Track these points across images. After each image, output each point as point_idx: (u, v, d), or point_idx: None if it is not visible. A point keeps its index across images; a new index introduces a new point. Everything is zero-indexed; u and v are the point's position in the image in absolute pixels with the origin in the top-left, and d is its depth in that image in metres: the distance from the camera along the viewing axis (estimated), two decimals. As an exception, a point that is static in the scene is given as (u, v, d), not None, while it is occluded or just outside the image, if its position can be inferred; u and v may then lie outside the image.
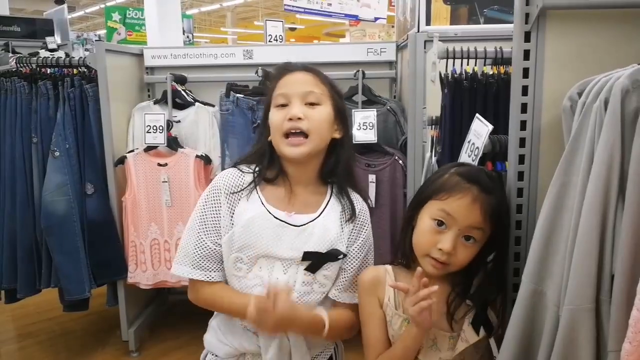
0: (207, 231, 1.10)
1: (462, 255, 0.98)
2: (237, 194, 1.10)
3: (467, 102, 1.71)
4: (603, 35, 0.96)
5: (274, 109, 1.09)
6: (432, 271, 1.00)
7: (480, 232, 0.97)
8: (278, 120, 1.07)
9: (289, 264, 1.08)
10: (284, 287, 1.04)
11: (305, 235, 1.08)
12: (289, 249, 1.08)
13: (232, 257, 1.09)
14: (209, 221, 1.10)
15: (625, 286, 0.74)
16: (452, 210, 0.96)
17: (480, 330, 1.01)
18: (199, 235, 1.10)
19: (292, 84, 1.09)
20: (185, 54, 2.80)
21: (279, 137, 1.07)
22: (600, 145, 0.78)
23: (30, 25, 4.35)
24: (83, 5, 14.04)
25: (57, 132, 2.32)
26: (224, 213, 1.09)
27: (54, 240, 2.31)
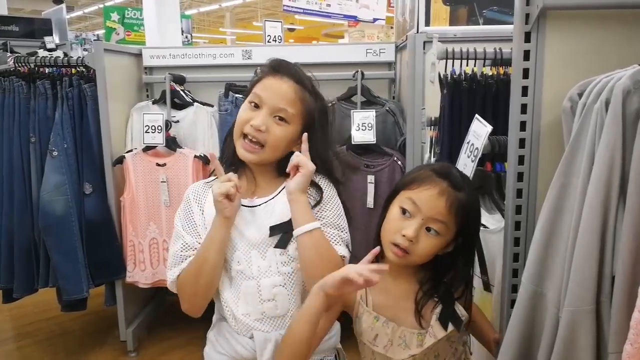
0: (188, 232, 1.14)
1: (422, 244, 0.99)
2: (203, 194, 1.15)
3: (466, 103, 1.71)
4: (603, 35, 0.96)
5: (247, 102, 1.12)
6: (393, 259, 1.02)
7: (443, 225, 0.98)
8: (243, 118, 1.10)
9: (264, 248, 1.10)
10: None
11: (267, 213, 1.11)
12: (256, 231, 1.10)
13: None
14: (187, 224, 1.14)
15: (626, 287, 0.74)
16: (419, 200, 0.99)
17: (449, 325, 1.01)
18: (183, 238, 1.13)
19: (272, 91, 1.09)
20: (184, 54, 2.80)
21: (238, 135, 1.10)
22: (601, 146, 0.78)
23: (28, 25, 4.33)
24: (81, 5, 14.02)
25: (55, 132, 2.31)
26: (197, 214, 1.14)
27: (52, 239, 2.30)
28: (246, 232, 1.11)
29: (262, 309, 1.11)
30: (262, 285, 1.10)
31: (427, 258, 1.02)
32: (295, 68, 1.14)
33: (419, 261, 1.02)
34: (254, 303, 1.11)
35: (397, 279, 1.07)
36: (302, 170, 1.06)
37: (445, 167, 1.04)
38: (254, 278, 1.10)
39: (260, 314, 1.11)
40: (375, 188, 2.41)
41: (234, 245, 1.11)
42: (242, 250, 1.10)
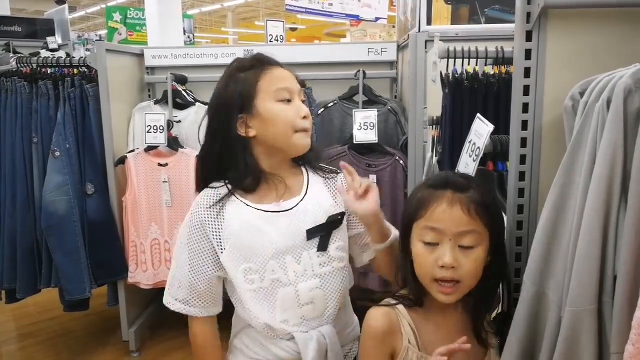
0: (197, 269, 1.09)
1: (467, 265, 0.89)
2: (217, 206, 1.08)
3: (467, 102, 1.71)
4: (605, 34, 0.96)
5: (275, 102, 1.07)
6: (444, 299, 0.91)
7: (474, 234, 0.89)
8: (291, 115, 1.07)
9: (299, 252, 1.07)
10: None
11: (300, 216, 1.09)
12: (290, 236, 1.07)
13: (240, 270, 1.06)
14: (197, 256, 1.09)
15: (628, 287, 0.73)
16: (436, 223, 0.90)
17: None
18: (190, 277, 1.10)
19: (291, 79, 1.10)
20: (186, 54, 2.80)
21: (291, 132, 1.07)
22: (602, 145, 0.78)
23: (31, 25, 4.35)
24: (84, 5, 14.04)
25: (57, 132, 2.32)
26: (211, 236, 1.08)
27: (54, 240, 2.30)
28: (278, 238, 1.07)
29: (301, 312, 1.09)
30: (299, 290, 1.08)
31: (477, 277, 0.91)
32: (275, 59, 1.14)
33: (471, 285, 0.92)
34: (293, 308, 1.08)
35: (445, 312, 0.98)
36: (373, 190, 1.11)
37: (440, 177, 1.01)
38: (290, 284, 1.07)
39: (299, 318, 1.09)
40: (377, 187, 2.40)
41: (266, 254, 1.06)
42: (276, 258, 1.06)
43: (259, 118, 1.06)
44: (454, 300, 0.92)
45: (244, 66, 1.09)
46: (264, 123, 1.06)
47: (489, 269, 0.94)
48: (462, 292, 0.92)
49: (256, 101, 1.06)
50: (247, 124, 1.07)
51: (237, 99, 1.06)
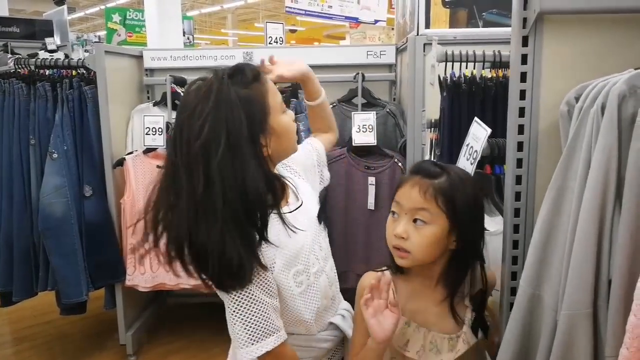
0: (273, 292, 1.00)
1: (416, 238, 1.02)
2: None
3: (465, 106, 1.71)
4: (600, 39, 0.96)
5: (282, 114, 1.03)
6: (399, 262, 1.06)
7: (426, 212, 1.01)
8: (293, 124, 1.07)
9: (318, 238, 1.12)
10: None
11: (307, 207, 1.12)
12: (311, 227, 1.11)
13: (291, 276, 1.03)
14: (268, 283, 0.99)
15: (623, 292, 0.73)
16: (399, 198, 1.05)
17: (478, 332, 1.04)
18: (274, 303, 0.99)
19: (277, 91, 1.07)
20: (185, 56, 2.80)
21: (295, 137, 1.09)
22: (597, 150, 0.78)
23: (29, 26, 4.34)
24: (83, 6, 14.05)
25: (55, 134, 2.31)
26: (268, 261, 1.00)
27: (52, 242, 2.30)
28: (307, 233, 1.09)
29: (331, 294, 1.14)
30: (328, 273, 1.14)
31: (429, 251, 1.02)
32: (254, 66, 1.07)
33: (422, 256, 1.03)
34: (327, 293, 1.12)
35: (426, 284, 1.09)
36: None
37: (418, 163, 1.12)
38: (323, 271, 1.11)
39: (331, 301, 1.14)
40: (376, 189, 2.41)
41: (306, 252, 1.06)
42: (312, 252, 1.09)
43: (275, 135, 0.98)
44: (407, 265, 1.06)
45: (244, 80, 0.96)
46: (279, 138, 1.00)
47: (459, 253, 1.04)
48: (413, 260, 1.04)
49: (270, 118, 0.97)
50: (262, 144, 0.96)
51: (255, 119, 0.93)
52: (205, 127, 0.88)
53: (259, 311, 0.96)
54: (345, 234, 2.46)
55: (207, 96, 0.91)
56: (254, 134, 0.93)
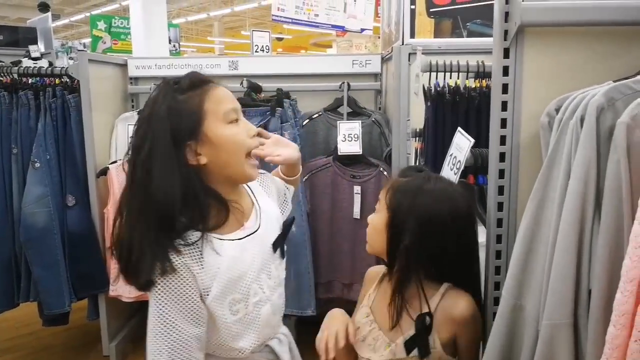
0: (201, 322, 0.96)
1: (369, 225, 1.14)
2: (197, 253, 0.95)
3: (449, 116, 1.73)
4: (580, 52, 0.98)
5: (226, 125, 0.97)
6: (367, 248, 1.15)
7: (379, 202, 1.11)
8: (243, 138, 0.99)
9: (269, 267, 1.07)
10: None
11: (264, 233, 1.06)
12: (261, 256, 1.05)
13: (227, 305, 0.99)
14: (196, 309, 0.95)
15: (602, 302, 0.74)
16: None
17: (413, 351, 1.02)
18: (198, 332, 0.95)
19: (233, 98, 1.01)
20: (170, 64, 2.79)
21: (244, 158, 1.00)
22: (576, 162, 0.79)
23: (13, 34, 4.29)
24: (68, 13, 13.95)
25: (37, 143, 2.28)
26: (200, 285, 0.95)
27: (33, 253, 2.26)
28: (255, 261, 1.03)
29: (274, 322, 1.11)
30: (274, 303, 1.08)
31: (373, 237, 1.12)
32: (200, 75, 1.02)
33: (371, 242, 1.13)
34: (270, 321, 1.08)
35: (386, 289, 1.13)
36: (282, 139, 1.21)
37: (408, 166, 1.19)
38: (268, 300, 1.06)
39: (272, 328, 1.11)
40: (362, 198, 2.42)
41: (249, 280, 1.02)
42: (256, 281, 1.03)
43: (209, 143, 0.96)
44: (368, 250, 1.16)
45: (181, 87, 0.96)
46: (216, 149, 0.96)
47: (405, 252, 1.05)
48: (368, 245, 1.16)
49: (204, 127, 0.95)
50: (196, 152, 0.95)
51: (182, 125, 0.94)
52: (140, 131, 0.95)
53: (178, 339, 0.93)
54: (330, 243, 2.46)
55: (148, 102, 0.97)
56: (179, 139, 0.93)
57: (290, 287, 2.37)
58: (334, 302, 2.59)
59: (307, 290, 2.36)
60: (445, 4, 2.26)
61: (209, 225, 0.96)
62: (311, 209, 2.43)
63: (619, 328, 0.63)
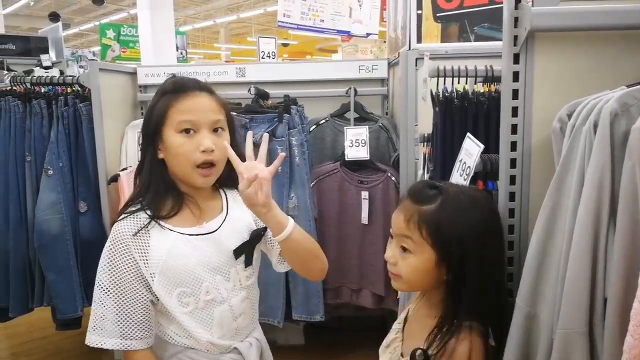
0: (132, 298, 1.04)
1: (402, 265, 0.97)
2: (141, 233, 1.05)
3: (458, 121, 1.72)
4: (591, 56, 0.98)
5: (176, 133, 1.05)
6: (393, 284, 1.03)
7: (410, 241, 0.95)
8: (189, 150, 1.04)
9: (227, 270, 1.11)
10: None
11: (224, 236, 1.11)
12: (217, 257, 1.09)
13: (175, 296, 1.06)
14: (129, 284, 1.05)
15: (619, 311, 0.73)
16: (392, 221, 1.02)
17: None
18: (126, 308, 1.04)
19: (198, 110, 1.05)
20: (179, 72, 2.79)
21: (190, 168, 1.05)
22: (590, 168, 0.79)
23: (25, 43, 4.36)
24: (78, 22, 14.11)
25: (50, 151, 2.31)
26: (140, 263, 1.05)
27: (47, 258, 2.29)
28: (207, 261, 1.08)
29: (236, 325, 1.14)
30: (233, 306, 1.12)
31: (417, 281, 0.97)
32: (197, 81, 1.10)
33: (411, 285, 1.00)
34: (229, 323, 1.12)
35: (425, 306, 1.06)
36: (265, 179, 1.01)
37: (412, 186, 1.06)
38: (225, 301, 1.10)
39: (234, 330, 1.14)
40: (370, 204, 2.41)
41: (199, 277, 1.07)
42: (209, 280, 1.08)
43: (164, 146, 1.07)
44: (401, 289, 1.11)
45: (165, 90, 1.09)
46: (168, 153, 1.07)
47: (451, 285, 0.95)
48: (406, 286, 1.02)
49: (164, 129, 1.06)
50: (157, 147, 1.09)
51: (153, 122, 1.08)
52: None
53: (100, 308, 1.05)
54: (338, 249, 2.46)
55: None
56: (150, 134, 1.08)
57: (298, 292, 2.37)
58: (342, 307, 2.59)
59: (316, 295, 2.36)
60: (452, 8, 2.26)
61: (160, 212, 1.07)
62: (319, 214, 2.43)
63: (637, 338, 0.63)
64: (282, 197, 2.33)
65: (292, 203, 2.37)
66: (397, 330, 1.12)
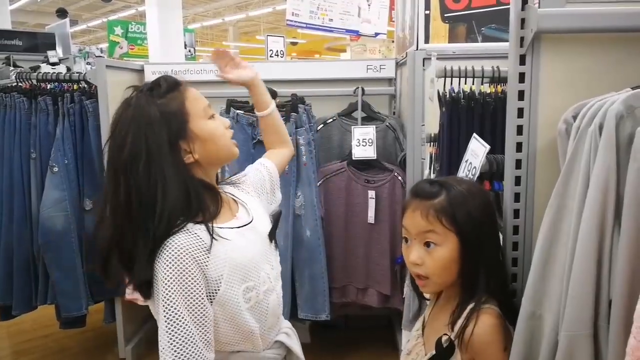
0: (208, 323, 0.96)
1: (430, 262, 0.99)
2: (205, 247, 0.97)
3: (464, 121, 1.71)
4: (597, 58, 0.97)
5: (207, 120, 1.05)
6: (422, 290, 1.04)
7: (433, 234, 0.98)
8: (222, 129, 1.08)
9: (269, 257, 1.12)
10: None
11: (258, 224, 1.12)
12: (262, 245, 1.11)
13: (241, 292, 1.01)
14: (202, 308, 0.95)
15: (623, 312, 0.73)
16: (405, 224, 1.04)
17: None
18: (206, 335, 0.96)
19: (203, 97, 1.08)
20: (186, 70, 2.82)
21: (230, 143, 1.10)
22: (595, 170, 0.78)
23: (32, 39, 4.38)
24: (85, 19, 14.17)
25: (56, 148, 2.32)
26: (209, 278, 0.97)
27: (52, 256, 2.30)
28: (257, 250, 1.08)
29: (279, 312, 1.15)
30: (278, 292, 1.13)
31: (445, 273, 1.00)
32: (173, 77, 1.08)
33: (441, 279, 1.01)
34: (278, 311, 1.13)
35: (443, 309, 1.08)
36: (239, 60, 1.32)
37: (417, 185, 1.09)
38: (274, 289, 1.11)
39: (277, 319, 1.14)
40: (376, 203, 2.41)
41: (259, 267, 1.05)
42: (265, 269, 1.08)
43: (199, 140, 1.02)
44: (430, 291, 1.09)
45: (160, 91, 1.01)
46: (204, 143, 1.03)
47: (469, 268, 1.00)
48: (434, 285, 1.04)
49: (190, 125, 1.01)
50: (187, 150, 1.01)
51: (172, 127, 0.98)
52: (128, 141, 0.96)
53: (187, 340, 0.94)
54: (345, 248, 2.46)
55: (128, 111, 0.99)
56: (173, 141, 0.98)
57: (304, 291, 2.38)
58: (348, 306, 2.59)
59: (322, 294, 2.37)
60: (459, 8, 2.25)
61: (209, 215, 1.00)
62: (325, 213, 2.44)
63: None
64: (289, 195, 2.33)
65: (298, 202, 2.37)
66: (417, 336, 1.12)
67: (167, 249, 0.94)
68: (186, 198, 0.98)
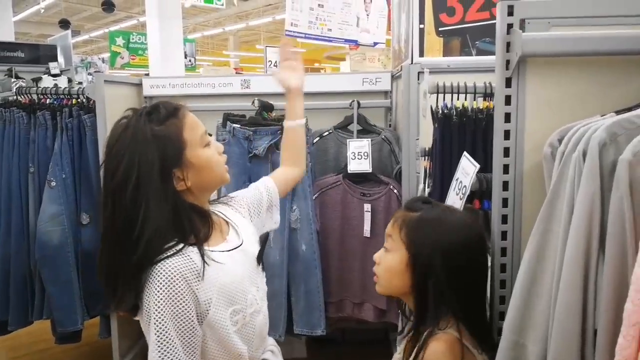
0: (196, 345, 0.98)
1: (382, 264, 1.07)
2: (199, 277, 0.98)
3: (456, 138, 1.72)
4: (582, 81, 0.97)
5: (203, 148, 1.05)
6: (376, 287, 1.10)
7: (390, 239, 1.05)
8: (217, 157, 1.09)
9: (256, 279, 1.13)
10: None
11: (247, 247, 1.13)
12: (249, 268, 1.11)
13: (228, 315, 1.02)
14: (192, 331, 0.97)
15: (608, 342, 0.72)
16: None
17: None
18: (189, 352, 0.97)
19: (201, 124, 1.08)
20: (184, 83, 2.83)
21: (223, 171, 1.11)
22: (579, 197, 0.78)
23: (34, 51, 4.40)
24: (87, 29, 14.27)
25: (54, 162, 2.32)
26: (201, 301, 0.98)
27: (48, 270, 2.29)
28: (245, 273, 1.09)
29: (265, 332, 1.16)
30: (265, 313, 1.14)
31: (393, 278, 1.04)
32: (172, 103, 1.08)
33: (386, 283, 1.07)
34: (264, 332, 1.14)
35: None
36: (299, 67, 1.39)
37: (412, 198, 1.14)
38: (260, 311, 1.12)
39: (263, 339, 1.15)
40: (372, 217, 2.41)
41: (246, 290, 1.06)
42: (251, 292, 1.08)
43: (193, 168, 1.03)
44: (381, 291, 1.10)
45: (158, 117, 1.01)
46: (199, 171, 1.04)
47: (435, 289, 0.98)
48: (381, 287, 1.09)
49: (186, 152, 1.01)
50: (180, 178, 1.01)
51: (168, 154, 0.99)
52: (121, 164, 0.97)
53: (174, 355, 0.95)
54: (341, 261, 2.46)
55: (125, 134, 0.99)
56: (166, 169, 0.99)
57: (300, 306, 2.37)
58: (344, 321, 2.58)
59: (318, 309, 2.36)
60: (453, 23, 2.26)
61: (200, 238, 1.01)
62: (321, 227, 2.43)
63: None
64: (284, 209, 2.33)
65: (294, 215, 2.37)
66: (399, 359, 1.13)
67: (160, 271, 0.94)
68: (173, 224, 0.98)
